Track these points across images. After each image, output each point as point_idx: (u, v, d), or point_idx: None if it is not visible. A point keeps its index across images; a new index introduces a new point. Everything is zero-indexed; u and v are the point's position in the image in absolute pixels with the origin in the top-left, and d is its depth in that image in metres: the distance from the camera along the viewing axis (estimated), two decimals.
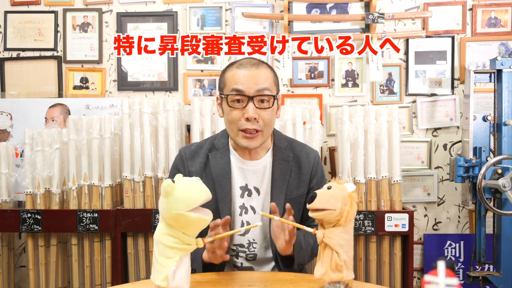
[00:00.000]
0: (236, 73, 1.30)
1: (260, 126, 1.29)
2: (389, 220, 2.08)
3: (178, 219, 1.02)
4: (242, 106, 1.28)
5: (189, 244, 1.06)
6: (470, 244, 2.41)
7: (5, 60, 2.52)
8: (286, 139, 1.46)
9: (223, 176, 1.37)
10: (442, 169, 2.46)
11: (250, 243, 1.40)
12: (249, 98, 1.27)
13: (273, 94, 1.32)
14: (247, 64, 1.31)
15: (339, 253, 1.05)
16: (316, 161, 1.44)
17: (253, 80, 1.28)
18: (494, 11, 2.43)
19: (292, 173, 1.40)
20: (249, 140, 1.30)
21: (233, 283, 1.19)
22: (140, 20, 2.51)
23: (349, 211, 1.05)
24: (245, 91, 1.27)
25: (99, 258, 2.16)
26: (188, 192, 1.02)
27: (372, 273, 2.15)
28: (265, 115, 1.30)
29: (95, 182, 2.11)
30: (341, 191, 1.06)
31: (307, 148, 1.48)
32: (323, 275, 1.06)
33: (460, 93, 2.42)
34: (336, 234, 1.06)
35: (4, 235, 2.22)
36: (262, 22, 2.49)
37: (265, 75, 1.31)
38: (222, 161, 1.38)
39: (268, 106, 1.30)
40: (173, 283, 1.03)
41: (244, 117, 1.28)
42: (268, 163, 1.40)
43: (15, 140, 2.43)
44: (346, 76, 2.47)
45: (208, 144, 1.43)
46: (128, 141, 2.12)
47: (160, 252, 1.05)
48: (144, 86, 2.51)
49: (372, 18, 2.35)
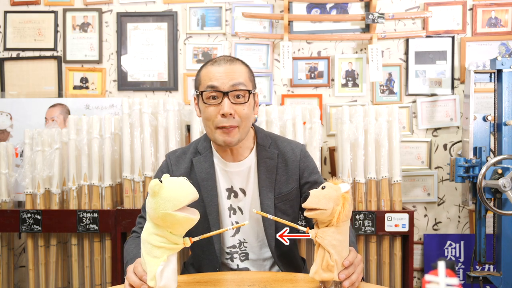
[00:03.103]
0: (210, 70, 1.30)
1: (237, 122, 1.28)
2: (389, 220, 2.08)
3: (165, 219, 1.02)
4: (218, 102, 1.27)
5: (176, 244, 1.06)
6: (470, 244, 2.41)
7: (5, 60, 2.52)
8: (269, 137, 1.44)
9: (208, 180, 1.37)
10: (442, 169, 2.46)
11: (241, 243, 1.40)
12: (224, 93, 1.26)
13: (248, 88, 1.30)
14: (221, 61, 1.31)
15: (331, 253, 1.05)
16: (302, 154, 1.42)
17: (227, 76, 1.27)
18: (494, 11, 2.43)
19: (279, 170, 1.39)
20: (226, 135, 1.28)
21: (233, 283, 1.18)
22: (140, 20, 2.51)
23: (341, 212, 1.05)
24: (220, 87, 1.26)
25: (99, 258, 2.16)
26: (175, 192, 1.02)
27: (372, 273, 2.15)
28: (241, 110, 1.28)
29: (95, 182, 2.11)
30: (335, 191, 1.06)
31: (292, 143, 1.45)
32: (314, 274, 1.07)
33: (460, 93, 2.42)
34: (329, 234, 1.06)
35: (4, 235, 2.22)
36: (262, 22, 2.49)
37: (240, 70, 1.30)
38: (206, 164, 1.38)
39: (244, 101, 1.28)
40: (161, 283, 1.03)
41: (220, 114, 1.26)
42: (252, 163, 1.39)
43: (15, 140, 2.43)
44: (346, 76, 2.47)
45: (192, 148, 1.43)
46: (128, 141, 2.12)
47: (147, 251, 1.05)
48: (144, 86, 2.51)
49: (372, 18, 2.35)
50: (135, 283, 1.06)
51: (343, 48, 2.48)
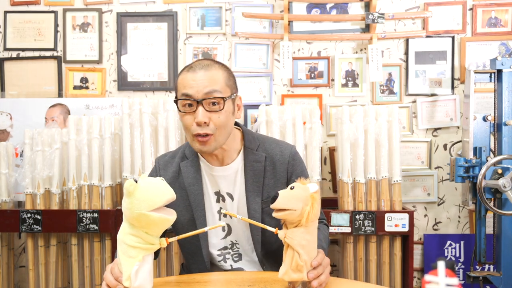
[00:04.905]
0: (185, 77, 1.27)
1: (212, 130, 1.25)
2: (389, 220, 2.08)
3: (140, 219, 1.02)
4: (193, 110, 1.25)
5: (152, 244, 1.06)
6: (470, 244, 2.40)
7: (5, 60, 2.52)
8: (258, 139, 1.41)
9: (194, 185, 1.36)
10: (442, 169, 2.46)
11: (233, 244, 1.40)
12: (198, 102, 1.24)
13: (223, 96, 1.26)
14: (196, 66, 1.28)
15: (300, 253, 1.05)
16: (291, 157, 1.38)
17: (201, 83, 1.24)
18: (494, 11, 2.43)
19: (267, 173, 1.36)
20: (202, 144, 1.26)
21: (233, 283, 1.18)
22: (140, 20, 2.51)
23: (310, 212, 1.04)
24: (193, 95, 1.24)
25: (99, 258, 2.16)
26: (150, 192, 1.02)
27: (372, 273, 2.15)
28: (216, 118, 1.25)
29: (95, 182, 2.11)
30: (303, 191, 1.05)
31: (282, 144, 1.41)
32: (283, 275, 1.06)
33: (460, 93, 2.42)
34: (297, 235, 1.06)
35: (4, 235, 2.22)
36: (262, 22, 2.49)
37: (215, 76, 1.26)
38: (192, 169, 1.37)
39: (219, 108, 1.25)
40: (136, 283, 1.03)
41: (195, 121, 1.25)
42: (239, 167, 1.37)
43: (15, 140, 2.43)
44: (346, 76, 2.47)
45: (180, 153, 1.42)
46: (128, 141, 2.12)
47: (123, 251, 1.06)
48: (144, 86, 2.51)
49: (372, 18, 2.35)
50: (111, 283, 1.07)
51: (343, 48, 2.48)
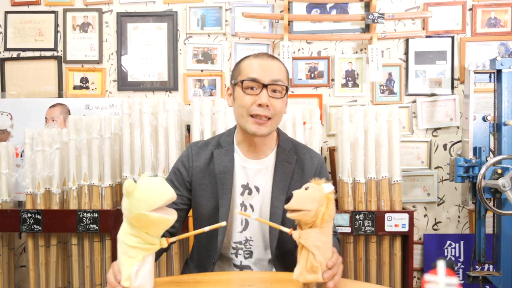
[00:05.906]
0: (252, 62, 1.35)
1: (271, 114, 1.33)
2: (389, 220, 2.08)
3: (139, 219, 1.02)
4: (255, 93, 1.33)
5: (152, 244, 1.06)
6: (470, 244, 2.41)
7: (5, 60, 2.53)
8: (291, 142, 1.49)
9: (225, 173, 1.39)
10: (442, 169, 2.46)
11: (247, 240, 1.41)
12: (264, 86, 1.32)
13: (285, 85, 1.36)
14: (263, 55, 1.38)
15: (315, 254, 1.04)
16: (320, 165, 1.47)
17: (268, 70, 1.33)
18: (494, 11, 2.43)
19: (295, 175, 1.42)
20: (259, 125, 1.33)
21: (233, 283, 1.19)
22: (140, 20, 2.51)
23: (325, 212, 1.04)
24: (260, 79, 1.32)
25: (99, 258, 2.16)
26: (150, 192, 1.01)
27: (372, 273, 2.15)
28: (276, 104, 1.34)
29: (95, 182, 2.11)
30: (318, 192, 1.05)
31: (312, 152, 1.50)
32: (298, 276, 1.06)
33: (460, 93, 2.42)
34: (312, 235, 1.05)
35: (4, 235, 2.22)
36: (262, 22, 2.49)
37: (279, 67, 1.37)
38: (226, 158, 1.41)
39: (280, 96, 1.35)
40: (135, 283, 1.03)
41: (257, 103, 1.31)
42: (271, 163, 1.42)
43: (15, 140, 2.43)
44: (346, 76, 2.47)
45: (214, 141, 1.47)
46: (128, 141, 2.12)
47: (123, 251, 1.05)
48: (144, 86, 2.51)
49: (372, 18, 2.35)
50: (111, 284, 1.08)
51: (343, 48, 2.48)
